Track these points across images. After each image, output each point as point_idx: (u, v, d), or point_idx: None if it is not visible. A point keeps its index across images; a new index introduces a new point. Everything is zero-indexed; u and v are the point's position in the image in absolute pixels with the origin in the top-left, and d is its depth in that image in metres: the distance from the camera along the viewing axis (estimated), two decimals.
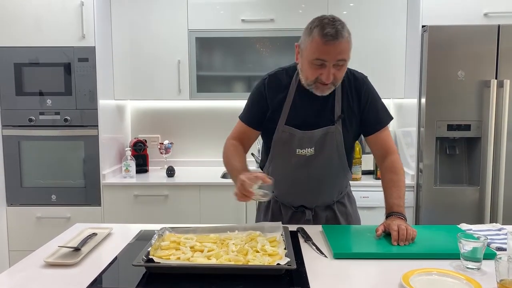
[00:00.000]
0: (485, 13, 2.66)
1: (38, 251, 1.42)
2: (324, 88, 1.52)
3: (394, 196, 1.56)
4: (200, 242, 1.37)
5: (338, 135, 1.62)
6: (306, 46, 1.48)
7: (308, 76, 1.52)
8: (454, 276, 1.15)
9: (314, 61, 1.46)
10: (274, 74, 1.67)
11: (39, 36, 2.77)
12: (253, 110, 1.69)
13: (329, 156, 1.64)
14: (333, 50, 1.43)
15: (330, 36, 1.41)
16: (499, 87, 2.56)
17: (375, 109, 1.66)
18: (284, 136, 1.63)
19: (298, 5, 2.98)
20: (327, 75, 1.46)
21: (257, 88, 1.69)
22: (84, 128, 2.83)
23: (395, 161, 1.64)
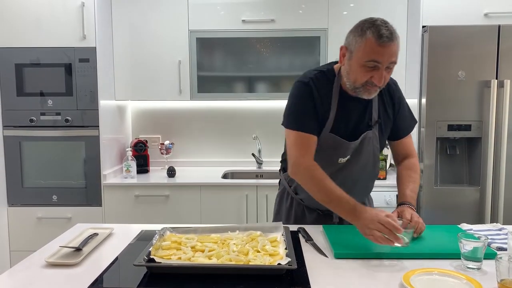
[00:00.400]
0: (486, 13, 2.66)
1: (39, 251, 1.42)
2: (372, 91, 1.47)
3: (410, 188, 1.59)
4: (201, 242, 1.37)
5: (375, 140, 1.61)
6: (358, 47, 1.42)
7: (357, 78, 1.46)
8: (454, 276, 1.15)
9: (367, 63, 1.41)
10: (315, 77, 1.56)
11: (40, 36, 2.78)
12: (310, 116, 1.54)
13: (365, 161, 1.62)
14: (388, 52, 1.39)
15: (385, 37, 1.37)
16: (499, 87, 2.56)
17: (405, 115, 1.68)
18: (327, 143, 1.56)
19: (299, 6, 2.99)
20: (379, 77, 1.42)
21: (305, 92, 1.54)
22: (85, 128, 2.84)
23: (415, 163, 1.68)
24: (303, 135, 1.53)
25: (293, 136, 1.56)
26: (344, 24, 2.98)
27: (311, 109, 1.54)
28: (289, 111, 1.59)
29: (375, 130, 1.60)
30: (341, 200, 1.42)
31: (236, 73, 3.10)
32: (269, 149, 3.38)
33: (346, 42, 1.48)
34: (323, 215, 1.71)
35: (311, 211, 1.72)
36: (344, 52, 1.49)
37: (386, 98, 1.62)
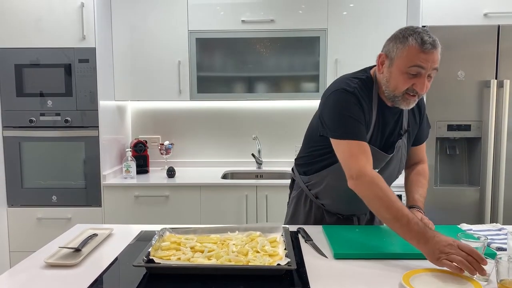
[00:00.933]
0: (485, 13, 2.66)
1: (38, 251, 1.42)
2: (411, 100, 1.44)
3: (419, 193, 1.62)
4: (200, 243, 1.37)
5: (403, 148, 1.61)
6: (399, 54, 1.39)
7: (398, 86, 1.42)
8: (454, 276, 1.15)
9: (410, 69, 1.38)
10: (359, 86, 1.49)
11: (40, 37, 2.78)
12: (362, 124, 1.46)
13: (393, 169, 1.62)
14: (431, 58, 1.37)
15: (429, 44, 1.36)
16: (499, 87, 2.56)
17: (426, 122, 1.70)
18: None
19: (298, 6, 2.99)
20: (422, 84, 1.38)
21: (353, 100, 1.46)
22: (84, 129, 2.84)
23: (426, 169, 1.71)
24: (359, 143, 1.44)
25: (348, 146, 1.45)
26: (344, 24, 3.01)
27: (362, 117, 1.46)
28: (339, 121, 1.47)
29: (404, 139, 1.60)
30: (410, 221, 1.26)
31: (235, 73, 3.10)
32: (269, 150, 3.38)
33: (385, 49, 1.45)
34: (343, 219, 1.70)
35: (331, 215, 1.71)
36: (383, 59, 1.45)
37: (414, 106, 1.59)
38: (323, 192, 1.66)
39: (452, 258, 1.14)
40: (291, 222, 1.79)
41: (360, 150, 1.43)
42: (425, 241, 1.21)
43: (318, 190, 1.67)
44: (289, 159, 3.36)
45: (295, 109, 3.36)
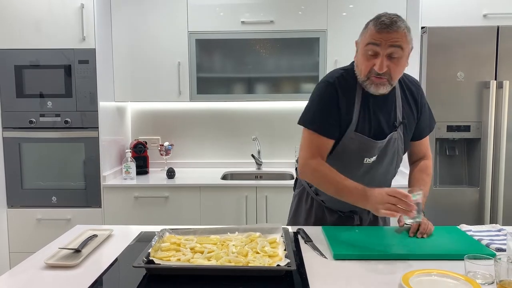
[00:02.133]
0: (485, 14, 2.67)
1: (38, 252, 1.42)
2: (378, 82, 1.44)
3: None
4: (200, 244, 1.37)
5: (399, 140, 1.60)
6: (361, 39, 1.48)
7: (362, 69, 1.47)
8: (453, 277, 1.15)
9: (367, 48, 1.43)
10: (341, 76, 1.54)
11: (40, 38, 2.78)
12: (328, 117, 1.51)
13: (390, 162, 1.61)
14: (386, 36, 1.39)
15: (383, 24, 1.39)
16: (498, 88, 2.56)
17: (428, 115, 1.67)
18: (353, 143, 1.53)
19: (298, 7, 2.99)
20: (380, 63, 1.40)
21: (327, 92, 1.53)
22: (84, 130, 2.84)
23: (429, 165, 1.69)
24: (319, 137, 1.52)
25: (308, 136, 1.55)
26: (343, 25, 3.01)
27: (333, 111, 1.51)
28: (309, 110, 1.56)
29: (399, 131, 1.58)
30: (350, 188, 1.43)
31: (235, 74, 3.10)
32: (268, 150, 3.39)
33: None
34: (344, 216, 1.70)
35: (332, 213, 1.71)
36: (355, 47, 1.53)
37: (409, 98, 1.61)
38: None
39: (388, 207, 1.31)
40: (293, 220, 1.80)
41: (317, 143, 1.52)
42: (368, 200, 1.39)
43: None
44: (289, 160, 3.36)
45: (294, 110, 3.37)
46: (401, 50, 1.41)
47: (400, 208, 1.31)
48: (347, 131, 1.53)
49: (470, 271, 1.17)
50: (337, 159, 1.56)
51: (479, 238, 1.48)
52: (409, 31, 1.44)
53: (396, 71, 1.45)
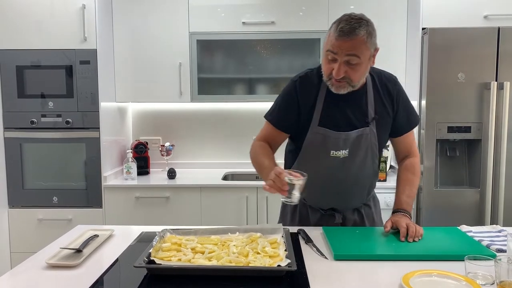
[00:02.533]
0: (485, 15, 2.67)
1: (39, 252, 1.43)
2: (338, 85, 1.49)
3: (406, 193, 1.61)
4: (201, 244, 1.37)
5: (372, 136, 1.60)
6: (325, 40, 1.50)
7: (324, 70, 1.52)
8: (454, 278, 1.15)
9: (327, 53, 1.47)
10: (305, 75, 1.63)
11: (41, 38, 2.79)
12: (284, 112, 1.63)
13: (363, 159, 1.61)
14: (343, 45, 1.42)
15: (341, 31, 1.41)
16: (499, 89, 2.56)
17: (407, 111, 1.66)
18: (317, 137, 1.58)
19: (299, 8, 2.99)
20: (337, 69, 1.45)
21: (288, 90, 1.63)
22: (85, 130, 2.84)
23: (415, 163, 1.69)
24: (269, 126, 1.67)
25: (264, 125, 1.70)
26: None
27: (290, 107, 1.61)
28: (273, 104, 1.69)
29: (372, 127, 1.59)
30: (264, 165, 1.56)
31: (236, 75, 3.11)
32: None
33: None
34: (326, 215, 1.71)
35: (314, 211, 1.72)
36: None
37: (384, 94, 1.62)
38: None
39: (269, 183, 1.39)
40: (281, 220, 1.83)
41: (268, 132, 1.69)
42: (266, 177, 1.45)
43: None
44: None
45: None
46: (358, 58, 1.45)
47: (275, 185, 1.37)
48: (311, 126, 1.59)
49: (471, 272, 1.18)
50: (305, 154, 1.63)
51: (480, 239, 1.48)
52: (371, 36, 1.47)
53: (354, 76, 1.49)
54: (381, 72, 1.66)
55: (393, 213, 1.58)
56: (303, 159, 1.64)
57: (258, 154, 1.64)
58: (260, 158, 1.61)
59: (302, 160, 1.64)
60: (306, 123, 1.59)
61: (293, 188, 1.37)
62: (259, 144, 1.68)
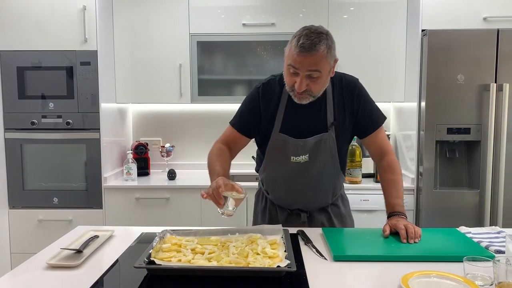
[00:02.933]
0: (485, 17, 2.68)
1: (40, 253, 1.43)
2: (300, 97, 1.54)
3: (393, 195, 1.62)
4: (201, 245, 1.38)
5: (331, 141, 1.64)
6: (286, 53, 1.53)
7: (287, 81, 1.56)
8: (452, 279, 1.15)
9: (289, 67, 1.51)
10: (268, 82, 1.69)
11: (42, 40, 2.79)
12: (246, 118, 1.70)
13: (324, 162, 1.66)
14: (304, 61, 1.45)
15: (302, 47, 1.44)
16: (498, 91, 2.57)
17: (369, 111, 1.68)
18: (278, 143, 1.65)
19: (299, 10, 3.00)
20: (299, 84, 1.49)
21: (251, 96, 1.70)
22: (86, 131, 2.85)
23: (392, 161, 1.69)
24: (231, 129, 1.72)
25: (227, 129, 1.75)
26: (344, 28, 3.02)
27: (252, 113, 1.67)
28: (237, 110, 1.76)
29: (331, 132, 1.64)
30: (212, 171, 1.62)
31: (236, 76, 3.11)
32: None
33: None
34: (293, 214, 1.76)
35: (282, 210, 1.78)
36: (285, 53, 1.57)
37: (342, 97, 1.65)
38: (267, 186, 1.79)
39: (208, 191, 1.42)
40: (254, 220, 1.88)
41: (229, 134, 1.73)
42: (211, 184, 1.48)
43: (265, 185, 1.80)
44: None
45: None
46: (319, 72, 1.48)
47: (213, 196, 1.40)
48: (272, 132, 1.65)
49: (469, 273, 1.18)
50: (268, 159, 1.70)
51: (479, 240, 1.49)
52: (330, 49, 1.48)
53: (316, 88, 1.52)
54: (342, 76, 1.68)
55: (389, 217, 1.58)
56: (267, 163, 1.71)
57: (213, 159, 1.67)
58: (214, 163, 1.65)
59: (266, 164, 1.72)
60: (268, 129, 1.65)
61: (228, 202, 1.40)
62: (218, 148, 1.71)
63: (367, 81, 3.05)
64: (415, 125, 2.75)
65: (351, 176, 2.86)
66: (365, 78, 3.16)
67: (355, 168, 2.86)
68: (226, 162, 1.67)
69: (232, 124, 1.74)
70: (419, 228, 1.50)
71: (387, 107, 3.35)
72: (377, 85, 3.00)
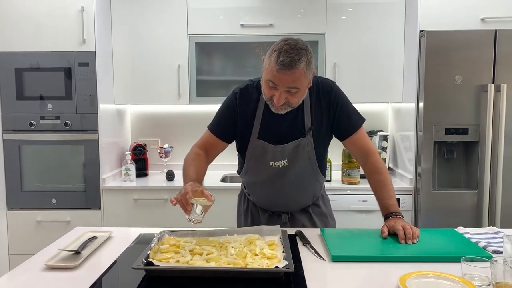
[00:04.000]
0: (482, 18, 2.68)
1: (38, 254, 1.43)
2: (278, 108, 1.54)
3: (386, 196, 1.61)
4: (199, 246, 1.38)
5: (309, 146, 1.66)
6: (265, 66, 1.52)
7: (264, 92, 1.56)
8: (450, 279, 1.16)
9: (267, 81, 1.50)
10: (245, 87, 1.69)
11: (40, 41, 2.79)
12: (223, 123, 1.70)
13: (302, 166, 1.68)
14: (284, 78, 1.45)
15: (282, 65, 1.44)
16: (496, 92, 2.57)
17: (346, 113, 1.68)
18: (257, 150, 1.67)
19: (297, 10, 3.01)
20: (277, 98, 1.49)
21: (228, 101, 1.70)
22: (84, 132, 2.85)
23: (376, 162, 1.68)
24: (209, 134, 1.72)
25: (205, 134, 1.75)
26: (343, 29, 3.02)
27: (228, 117, 1.68)
28: (215, 114, 1.75)
29: (309, 137, 1.65)
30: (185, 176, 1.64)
31: (234, 77, 3.11)
32: None
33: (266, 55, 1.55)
34: (274, 215, 1.78)
35: (263, 212, 1.80)
36: (263, 63, 1.56)
37: (319, 101, 1.65)
38: (249, 188, 1.81)
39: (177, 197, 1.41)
40: (238, 221, 1.92)
41: (206, 139, 1.73)
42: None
43: (247, 187, 1.82)
44: None
45: None
46: (298, 88, 1.49)
47: (181, 202, 1.39)
48: (251, 138, 1.66)
49: (467, 273, 1.18)
50: (248, 164, 1.71)
51: (476, 241, 1.49)
52: (309, 64, 1.49)
53: (294, 101, 1.53)
54: (318, 80, 1.68)
55: (385, 218, 1.58)
56: (247, 167, 1.73)
57: (188, 163, 1.69)
58: (188, 168, 1.66)
59: (247, 168, 1.73)
60: (246, 135, 1.67)
61: (196, 209, 1.39)
62: (194, 152, 1.73)
63: (365, 82, 3.08)
64: (413, 126, 2.76)
65: (349, 177, 2.86)
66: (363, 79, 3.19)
67: (353, 169, 2.86)
68: (200, 167, 1.67)
69: (209, 128, 1.73)
70: (417, 228, 1.51)
71: (385, 107, 3.36)
72: (375, 86, 3.01)
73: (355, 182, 2.86)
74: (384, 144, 3.10)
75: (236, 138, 1.73)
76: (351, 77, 3.00)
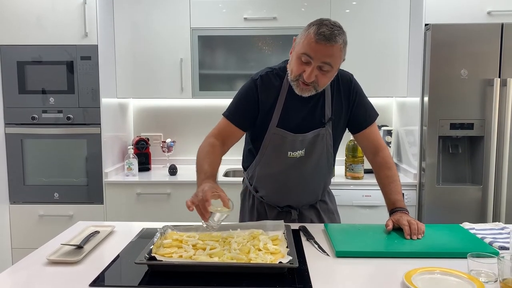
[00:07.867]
0: (489, 11, 2.65)
1: (40, 248, 1.42)
2: (304, 88, 1.51)
3: (393, 191, 1.60)
4: (202, 240, 1.37)
5: (328, 136, 1.63)
6: (300, 40, 1.49)
7: (293, 70, 1.51)
8: (456, 275, 1.15)
9: (301, 56, 1.46)
10: (266, 74, 1.63)
11: (42, 34, 2.78)
12: (242, 110, 1.63)
13: (318, 158, 1.65)
14: (322, 50, 1.43)
15: (323, 36, 1.41)
16: (502, 86, 2.55)
17: (363, 107, 1.68)
18: (275, 138, 1.61)
19: (301, 4, 2.98)
20: (309, 73, 1.46)
21: (248, 88, 1.64)
22: (86, 126, 2.84)
23: (386, 157, 1.68)
24: (226, 122, 1.64)
25: (220, 121, 1.68)
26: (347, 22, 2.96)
27: (249, 105, 1.61)
28: (231, 101, 1.68)
29: (328, 127, 1.62)
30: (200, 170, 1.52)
31: (237, 71, 3.09)
32: None
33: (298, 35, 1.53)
34: (283, 212, 1.74)
35: (271, 209, 1.76)
36: (293, 43, 1.54)
37: (339, 93, 1.64)
38: (258, 183, 1.74)
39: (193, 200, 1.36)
40: (240, 218, 1.85)
41: (222, 127, 1.66)
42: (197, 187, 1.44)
43: (255, 182, 1.74)
44: None
45: None
46: (331, 66, 1.46)
47: (199, 208, 1.33)
48: (269, 126, 1.61)
49: (473, 269, 1.17)
50: (264, 153, 1.65)
51: (482, 236, 1.47)
52: (345, 45, 1.48)
53: (323, 82, 1.51)
54: (338, 71, 1.64)
55: (391, 213, 1.57)
56: (261, 158, 1.67)
57: (203, 156, 1.58)
58: (203, 160, 1.55)
59: (260, 159, 1.68)
60: (264, 123, 1.62)
61: (214, 216, 1.35)
62: (210, 143, 1.63)
63: (369, 76, 3.06)
64: (418, 121, 2.74)
65: (353, 171, 2.85)
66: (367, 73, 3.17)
67: (357, 163, 2.84)
68: (216, 160, 1.58)
69: (226, 116, 1.65)
70: (423, 224, 1.49)
71: (389, 102, 3.34)
72: (379, 80, 2.99)
73: (358, 177, 2.85)
74: (388, 138, 3.07)
75: (254, 127, 1.66)
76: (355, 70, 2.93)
